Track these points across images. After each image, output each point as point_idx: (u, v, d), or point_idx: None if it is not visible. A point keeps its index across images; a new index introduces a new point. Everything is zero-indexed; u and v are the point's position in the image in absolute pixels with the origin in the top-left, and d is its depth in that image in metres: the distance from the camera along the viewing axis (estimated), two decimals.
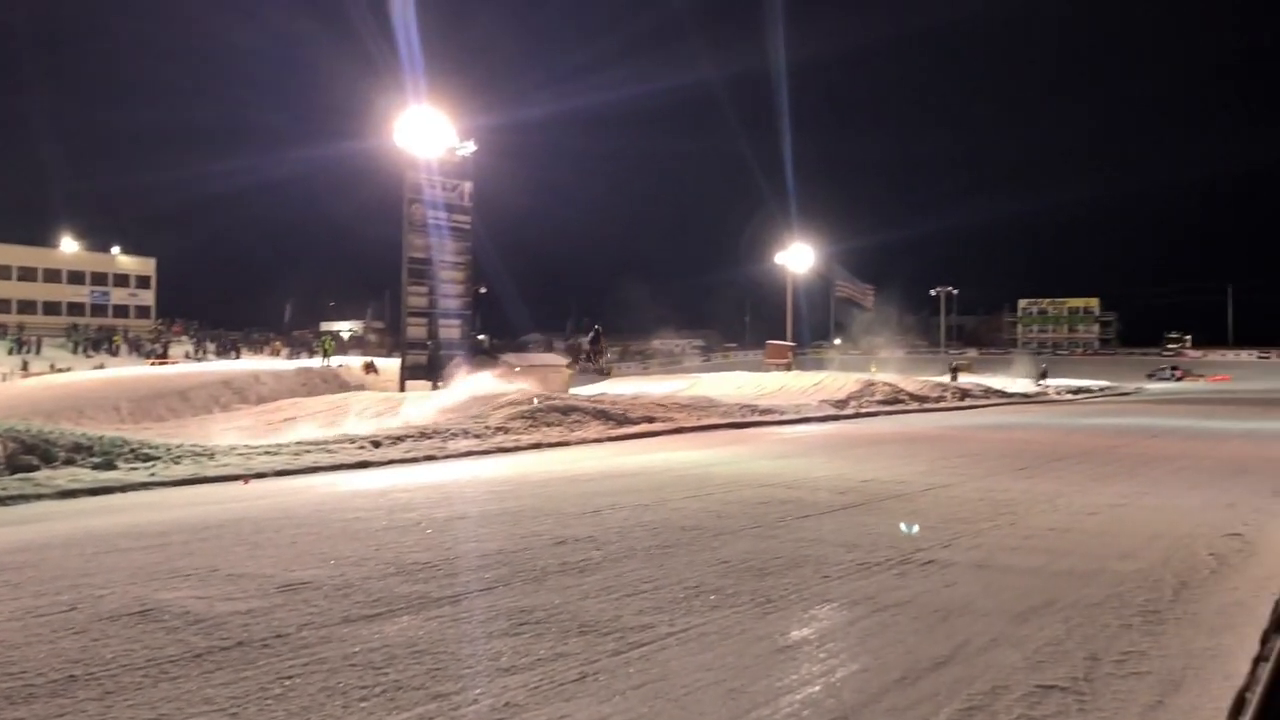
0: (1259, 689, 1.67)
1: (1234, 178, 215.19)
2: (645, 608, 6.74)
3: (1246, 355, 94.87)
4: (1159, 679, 5.30)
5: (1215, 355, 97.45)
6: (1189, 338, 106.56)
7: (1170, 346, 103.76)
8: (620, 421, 23.69)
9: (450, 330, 36.22)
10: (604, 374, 40.21)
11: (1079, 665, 5.51)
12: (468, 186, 36.64)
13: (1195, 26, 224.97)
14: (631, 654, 5.69)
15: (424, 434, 19.86)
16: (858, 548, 9.00)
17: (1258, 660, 1.94)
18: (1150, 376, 73.68)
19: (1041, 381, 60.20)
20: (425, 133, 34.76)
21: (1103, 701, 4.93)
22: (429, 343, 35.44)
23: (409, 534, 9.70)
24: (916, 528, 7.10)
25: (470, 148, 36.25)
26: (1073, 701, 4.92)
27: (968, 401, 40.33)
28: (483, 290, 55.53)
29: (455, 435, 20.02)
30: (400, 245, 34.86)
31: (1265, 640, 2.10)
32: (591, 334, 47.19)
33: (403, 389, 33.17)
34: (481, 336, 42.95)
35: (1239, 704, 1.73)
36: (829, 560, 8.45)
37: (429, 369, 35.12)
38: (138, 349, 67.59)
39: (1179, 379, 77.27)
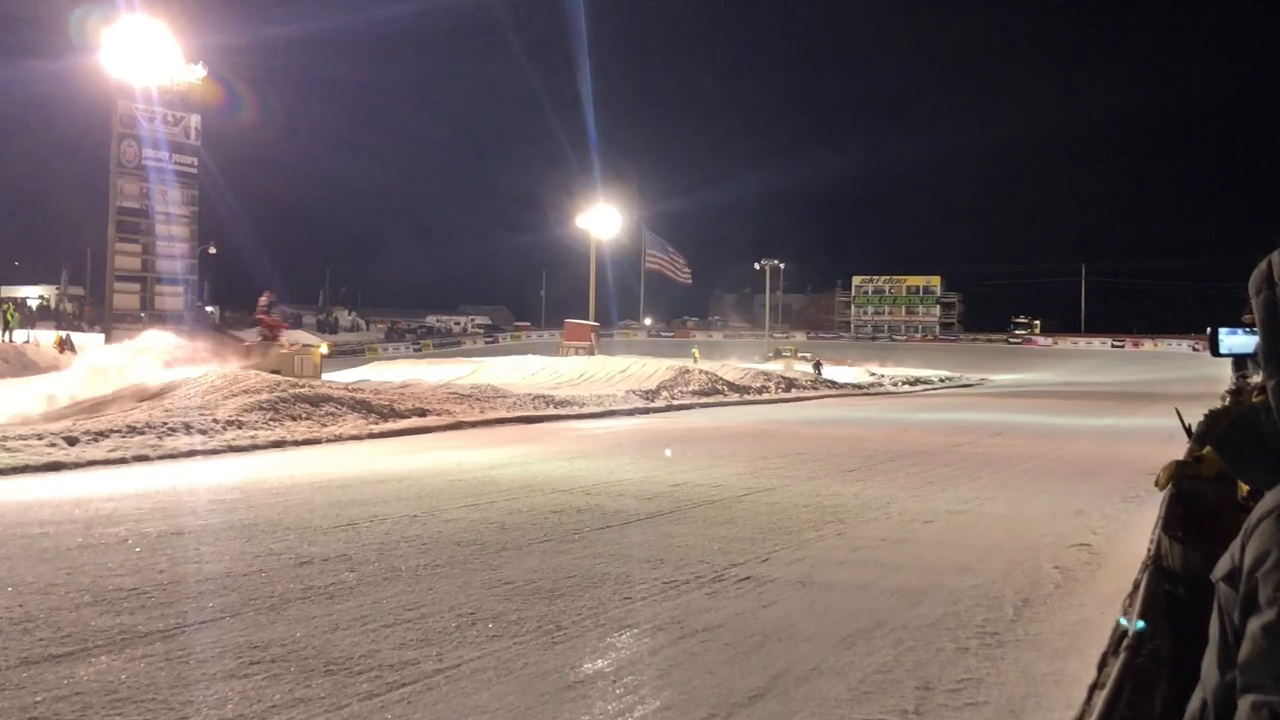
0: (1093, 718, 1.78)
1: (1094, 150, 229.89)
2: (408, 640, 6.67)
3: (1099, 344, 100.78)
4: (997, 709, 5.61)
5: (1066, 342, 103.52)
6: (1038, 323, 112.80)
7: (1018, 333, 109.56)
8: (385, 415, 23.36)
9: (171, 300, 34.82)
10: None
11: (909, 696, 5.77)
12: (195, 121, 35.27)
13: None
14: (389, 696, 5.62)
15: (134, 429, 19.05)
16: (664, 563, 9.17)
17: (1094, 688, 2.06)
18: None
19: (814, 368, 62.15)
20: (142, 52, 33.19)
21: None
22: (143, 315, 33.98)
23: (111, 554, 9.29)
24: None
25: (200, 73, 34.92)
26: None
27: (794, 393, 41.63)
28: (212, 250, 53.68)
29: (174, 431, 19.28)
30: (106, 192, 33.23)
31: (1103, 665, 2.23)
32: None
33: None
34: (210, 309, 41.30)
35: None
36: (631, 579, 8.58)
37: None
38: None
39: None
